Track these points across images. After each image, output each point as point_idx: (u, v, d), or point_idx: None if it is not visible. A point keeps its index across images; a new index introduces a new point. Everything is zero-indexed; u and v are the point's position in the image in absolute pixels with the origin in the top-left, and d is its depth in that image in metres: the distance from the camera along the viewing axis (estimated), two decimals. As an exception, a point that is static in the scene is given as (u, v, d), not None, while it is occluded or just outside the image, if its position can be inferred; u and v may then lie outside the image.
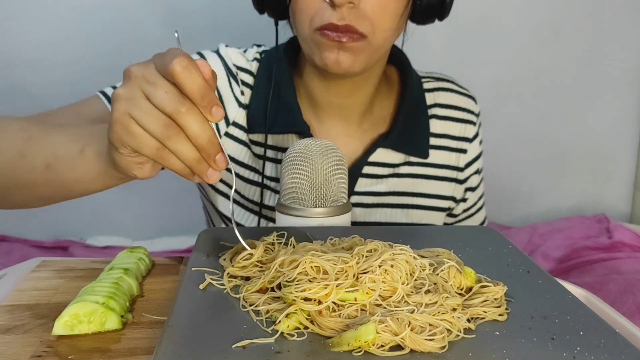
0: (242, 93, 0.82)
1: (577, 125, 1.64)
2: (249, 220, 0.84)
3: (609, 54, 1.60)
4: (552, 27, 1.56)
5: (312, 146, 0.64)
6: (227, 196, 0.84)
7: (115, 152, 0.50)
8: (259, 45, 0.87)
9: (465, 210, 0.93)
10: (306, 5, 0.71)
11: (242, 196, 0.84)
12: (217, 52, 0.83)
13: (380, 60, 0.80)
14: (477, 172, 0.92)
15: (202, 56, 0.82)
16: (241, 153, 0.83)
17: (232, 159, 0.83)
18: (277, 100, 0.80)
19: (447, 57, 1.52)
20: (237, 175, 0.83)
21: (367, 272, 0.46)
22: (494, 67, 1.56)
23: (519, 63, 1.58)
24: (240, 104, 0.82)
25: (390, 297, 0.44)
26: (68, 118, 0.73)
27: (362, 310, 0.43)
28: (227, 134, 0.82)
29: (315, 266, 0.46)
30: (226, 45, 0.84)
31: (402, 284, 0.45)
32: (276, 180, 0.82)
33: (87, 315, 0.47)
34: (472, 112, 0.90)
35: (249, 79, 0.83)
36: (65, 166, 0.57)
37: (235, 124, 0.82)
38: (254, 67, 0.84)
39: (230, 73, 0.81)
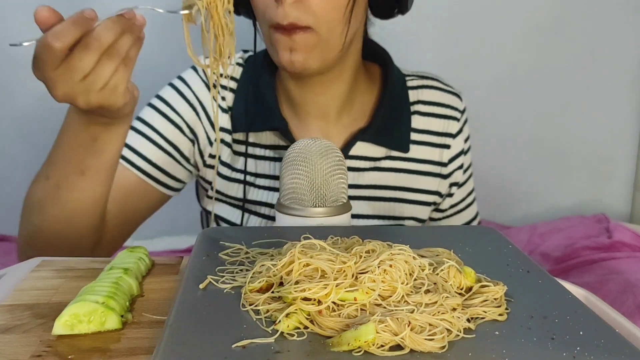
0: (224, 99, 0.86)
1: (577, 124, 1.64)
2: (235, 215, 0.87)
3: (609, 54, 1.60)
4: (552, 27, 1.56)
5: (311, 146, 0.64)
6: (212, 197, 0.89)
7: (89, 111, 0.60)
8: (245, 51, 0.90)
9: (452, 206, 0.95)
10: (258, 2, 0.74)
11: (226, 195, 0.87)
12: (193, 68, 0.87)
13: (350, 57, 0.82)
14: (462, 167, 0.93)
15: (182, 79, 0.86)
16: (224, 154, 0.86)
17: (219, 162, 0.87)
18: (257, 100, 0.84)
19: (446, 56, 1.52)
20: (221, 175, 0.87)
21: (367, 272, 0.46)
22: (493, 66, 1.56)
23: (519, 62, 1.58)
24: (223, 110, 0.85)
25: (390, 296, 0.44)
26: None
27: (362, 310, 0.43)
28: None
29: (314, 268, 0.46)
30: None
31: (402, 283, 0.45)
32: (256, 175, 0.86)
33: (87, 315, 0.47)
34: (455, 109, 0.91)
35: (232, 84, 0.86)
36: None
37: (222, 129, 0.86)
38: (236, 72, 0.87)
39: (208, 84, 0.85)
